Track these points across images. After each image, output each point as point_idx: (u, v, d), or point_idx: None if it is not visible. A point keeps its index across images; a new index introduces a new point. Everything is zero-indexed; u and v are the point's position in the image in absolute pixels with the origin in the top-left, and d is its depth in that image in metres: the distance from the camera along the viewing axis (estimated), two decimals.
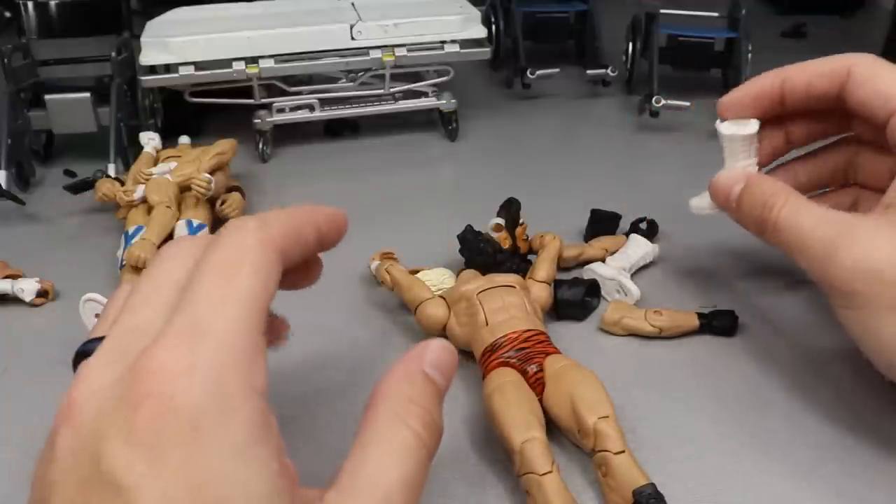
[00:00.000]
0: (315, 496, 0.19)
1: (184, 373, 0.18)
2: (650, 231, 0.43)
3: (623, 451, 0.27)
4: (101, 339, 0.21)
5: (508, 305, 0.34)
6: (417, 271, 0.39)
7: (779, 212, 0.31)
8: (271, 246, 0.21)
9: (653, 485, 0.27)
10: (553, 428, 0.30)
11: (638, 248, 0.41)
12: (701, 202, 0.37)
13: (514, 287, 0.35)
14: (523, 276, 0.37)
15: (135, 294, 0.21)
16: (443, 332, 0.35)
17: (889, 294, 0.27)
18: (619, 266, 0.40)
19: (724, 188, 0.35)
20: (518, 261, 0.39)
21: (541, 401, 0.30)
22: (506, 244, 0.39)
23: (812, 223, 0.30)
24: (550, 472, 0.27)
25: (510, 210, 0.40)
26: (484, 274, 0.37)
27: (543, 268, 0.38)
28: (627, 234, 0.42)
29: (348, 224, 0.25)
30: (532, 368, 0.31)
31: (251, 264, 0.20)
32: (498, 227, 0.40)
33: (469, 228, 0.39)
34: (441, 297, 0.36)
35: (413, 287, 0.36)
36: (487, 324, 0.33)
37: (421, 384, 0.22)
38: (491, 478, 0.30)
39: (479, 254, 0.38)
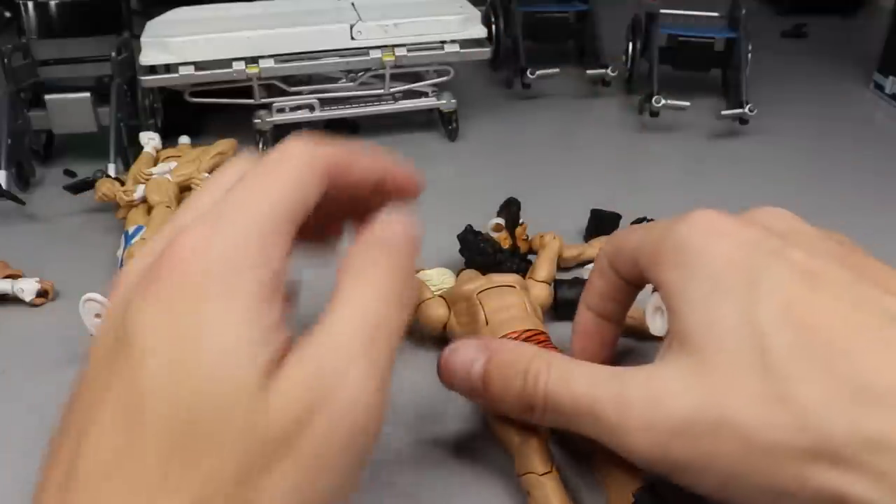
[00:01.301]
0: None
1: (199, 245, 0.20)
2: None
3: None
4: None
5: (509, 305, 0.34)
6: (418, 271, 0.39)
7: (545, 383, 0.25)
8: (316, 163, 0.22)
9: (653, 486, 0.27)
10: (553, 428, 0.30)
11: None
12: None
13: (514, 287, 0.35)
14: (523, 276, 0.37)
15: (186, 202, 0.24)
16: (443, 332, 0.35)
17: (698, 444, 0.22)
18: None
19: (461, 366, 0.27)
20: (518, 261, 0.39)
21: None
22: (506, 244, 0.39)
23: (588, 385, 0.24)
24: (550, 471, 0.27)
25: (510, 210, 0.40)
26: (484, 274, 0.37)
27: (544, 267, 0.38)
28: None
29: (415, 191, 0.27)
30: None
31: (292, 171, 0.22)
32: (498, 227, 0.40)
33: (469, 228, 0.39)
34: (441, 296, 0.36)
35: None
36: (488, 323, 0.33)
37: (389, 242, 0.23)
38: (491, 478, 0.30)
39: (479, 254, 0.38)
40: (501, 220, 0.40)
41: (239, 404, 0.19)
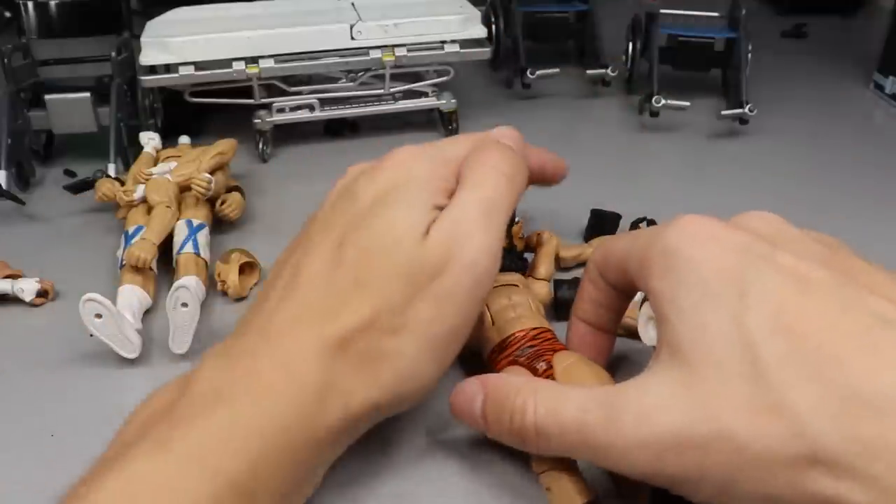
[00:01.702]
0: None
1: (410, 158, 0.30)
2: None
3: None
4: None
5: (515, 304, 0.34)
6: None
7: (534, 414, 0.26)
8: (524, 168, 0.32)
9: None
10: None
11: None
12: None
13: (517, 286, 0.35)
14: (523, 275, 0.37)
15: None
16: None
17: (691, 456, 0.23)
18: None
19: (465, 405, 0.29)
20: (515, 258, 0.39)
21: None
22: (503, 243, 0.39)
23: (577, 410, 0.25)
24: (568, 466, 0.27)
25: None
26: None
27: (543, 265, 0.38)
28: None
29: (563, 171, 0.38)
30: (541, 366, 0.31)
31: (471, 139, 0.32)
32: None
33: None
34: None
35: None
36: (494, 323, 0.33)
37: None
38: (492, 476, 0.30)
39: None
40: None
41: (406, 248, 0.27)
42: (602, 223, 0.44)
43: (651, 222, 0.44)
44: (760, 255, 0.24)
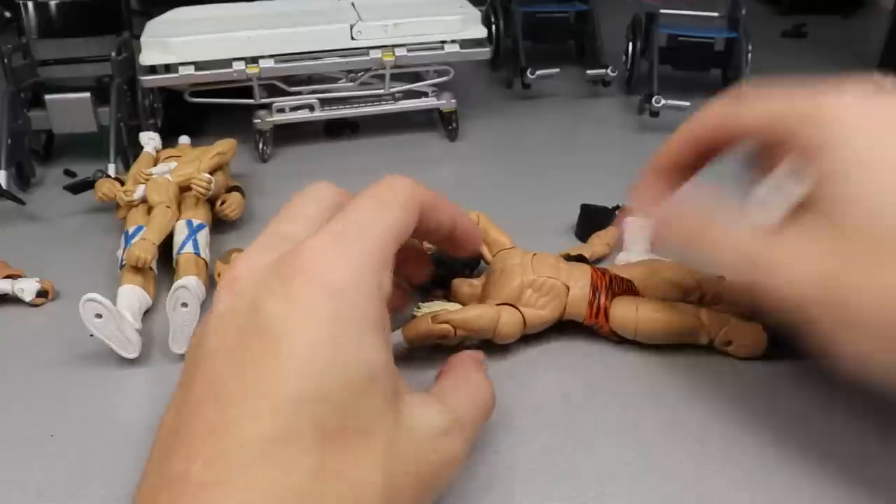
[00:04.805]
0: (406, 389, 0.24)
1: (333, 259, 0.23)
2: None
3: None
4: None
5: (556, 262, 0.36)
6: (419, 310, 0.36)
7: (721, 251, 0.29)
8: (415, 200, 0.26)
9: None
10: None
11: (640, 231, 0.41)
12: None
13: (534, 252, 0.36)
14: (477, 262, 0.38)
15: (277, 219, 0.26)
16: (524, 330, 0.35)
17: (834, 311, 0.25)
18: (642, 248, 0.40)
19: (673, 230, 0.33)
20: (467, 260, 0.39)
21: None
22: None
23: (745, 246, 0.28)
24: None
25: None
26: (468, 275, 0.38)
27: (500, 234, 0.39)
28: None
29: (479, 244, 0.32)
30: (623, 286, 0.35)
31: (400, 203, 0.25)
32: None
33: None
34: (504, 304, 0.34)
35: (475, 314, 0.34)
36: (569, 290, 0.35)
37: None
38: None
39: (454, 258, 0.38)
40: None
41: (378, 391, 0.22)
42: (593, 217, 0.44)
43: None
44: None
